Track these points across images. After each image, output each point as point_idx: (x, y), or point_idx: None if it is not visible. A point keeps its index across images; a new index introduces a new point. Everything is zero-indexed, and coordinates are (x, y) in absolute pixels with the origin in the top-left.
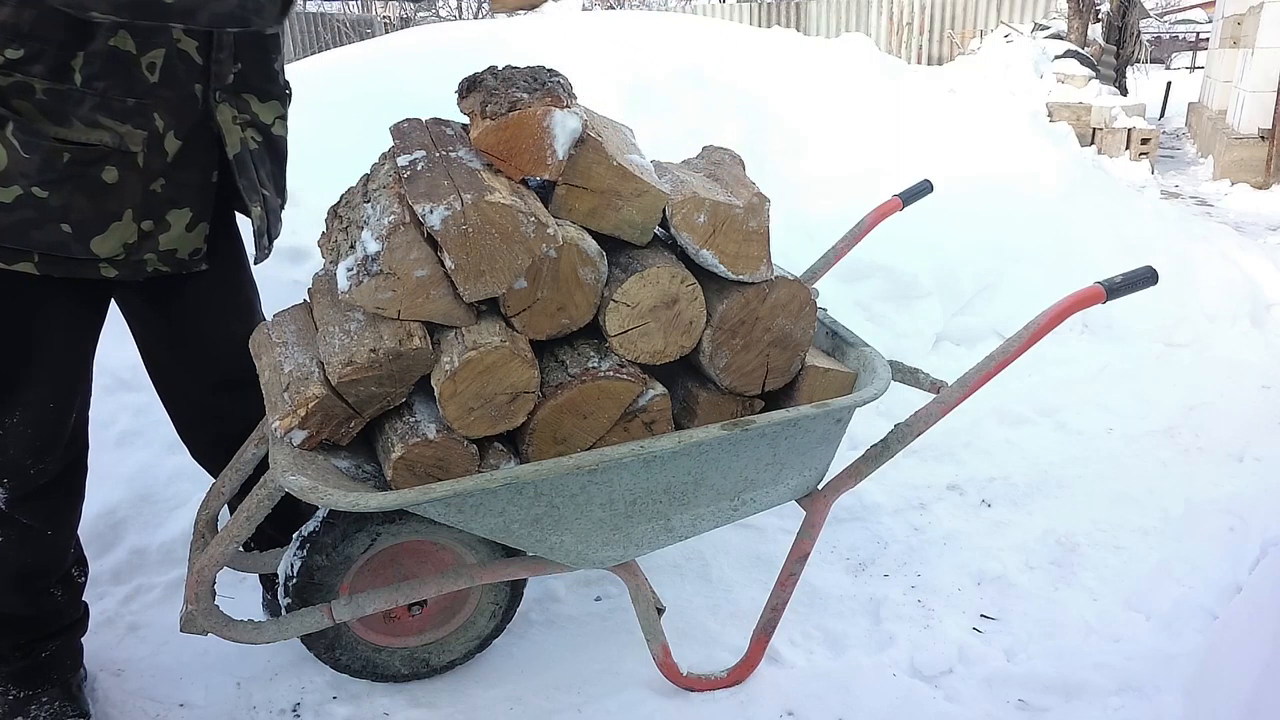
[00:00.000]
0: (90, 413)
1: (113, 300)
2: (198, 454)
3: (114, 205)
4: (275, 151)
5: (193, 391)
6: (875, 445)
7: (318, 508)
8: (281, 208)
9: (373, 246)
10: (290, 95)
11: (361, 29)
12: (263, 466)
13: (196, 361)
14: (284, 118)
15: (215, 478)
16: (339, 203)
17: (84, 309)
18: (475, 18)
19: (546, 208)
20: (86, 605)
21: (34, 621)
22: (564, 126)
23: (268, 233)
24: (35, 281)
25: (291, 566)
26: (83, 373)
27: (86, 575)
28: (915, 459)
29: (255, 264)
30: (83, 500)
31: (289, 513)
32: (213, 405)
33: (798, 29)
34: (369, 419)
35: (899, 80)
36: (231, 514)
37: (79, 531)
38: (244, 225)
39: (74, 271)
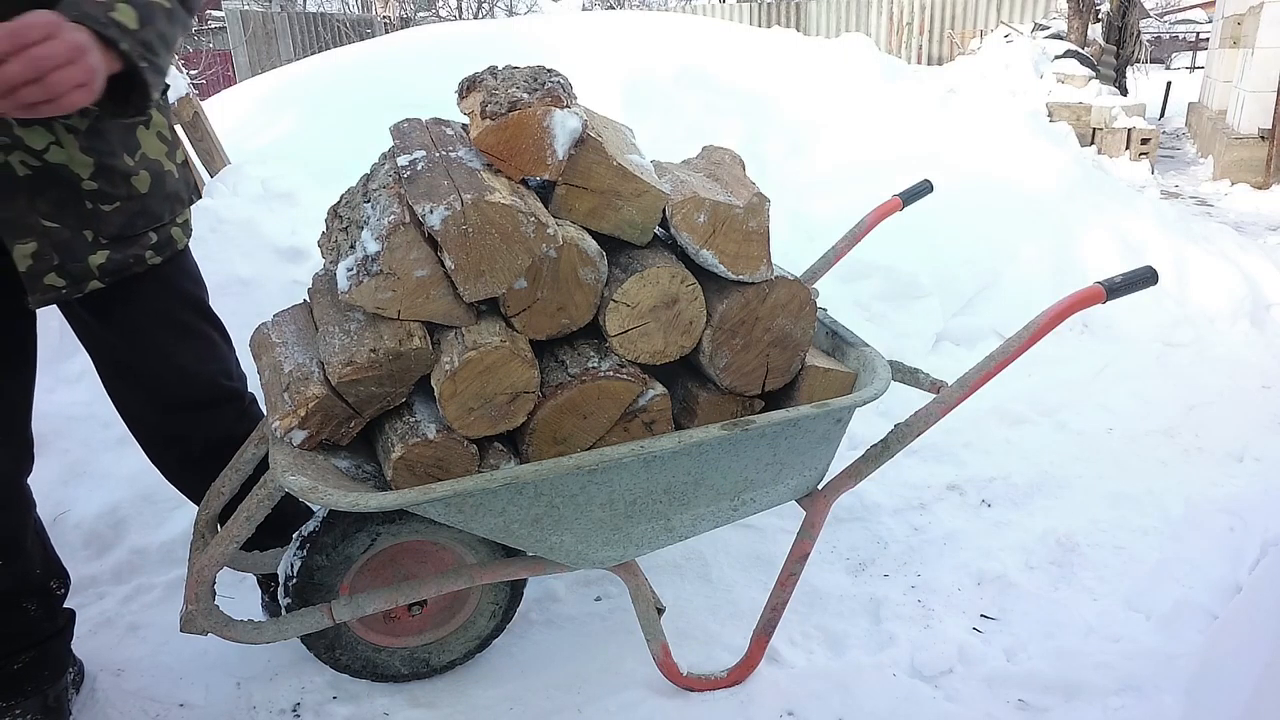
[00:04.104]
0: (90, 412)
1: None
2: (170, 478)
3: None
4: (57, 179)
5: (147, 415)
6: (875, 445)
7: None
8: (104, 243)
9: (373, 246)
10: (86, 123)
11: (361, 29)
12: (263, 466)
13: (141, 386)
14: (62, 144)
15: (193, 501)
16: (339, 203)
17: None
18: (475, 17)
19: (546, 208)
20: (71, 613)
21: (4, 637)
22: (564, 126)
23: (56, 270)
24: None
25: (291, 566)
26: None
27: (67, 586)
28: (915, 459)
29: (33, 308)
30: (29, 523)
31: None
32: (169, 429)
33: (798, 29)
34: (369, 419)
35: (899, 80)
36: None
37: (72, 539)
38: (210, 240)
39: None
